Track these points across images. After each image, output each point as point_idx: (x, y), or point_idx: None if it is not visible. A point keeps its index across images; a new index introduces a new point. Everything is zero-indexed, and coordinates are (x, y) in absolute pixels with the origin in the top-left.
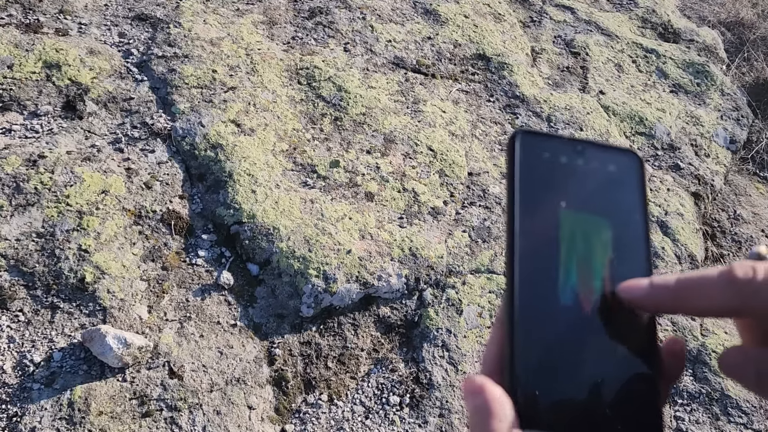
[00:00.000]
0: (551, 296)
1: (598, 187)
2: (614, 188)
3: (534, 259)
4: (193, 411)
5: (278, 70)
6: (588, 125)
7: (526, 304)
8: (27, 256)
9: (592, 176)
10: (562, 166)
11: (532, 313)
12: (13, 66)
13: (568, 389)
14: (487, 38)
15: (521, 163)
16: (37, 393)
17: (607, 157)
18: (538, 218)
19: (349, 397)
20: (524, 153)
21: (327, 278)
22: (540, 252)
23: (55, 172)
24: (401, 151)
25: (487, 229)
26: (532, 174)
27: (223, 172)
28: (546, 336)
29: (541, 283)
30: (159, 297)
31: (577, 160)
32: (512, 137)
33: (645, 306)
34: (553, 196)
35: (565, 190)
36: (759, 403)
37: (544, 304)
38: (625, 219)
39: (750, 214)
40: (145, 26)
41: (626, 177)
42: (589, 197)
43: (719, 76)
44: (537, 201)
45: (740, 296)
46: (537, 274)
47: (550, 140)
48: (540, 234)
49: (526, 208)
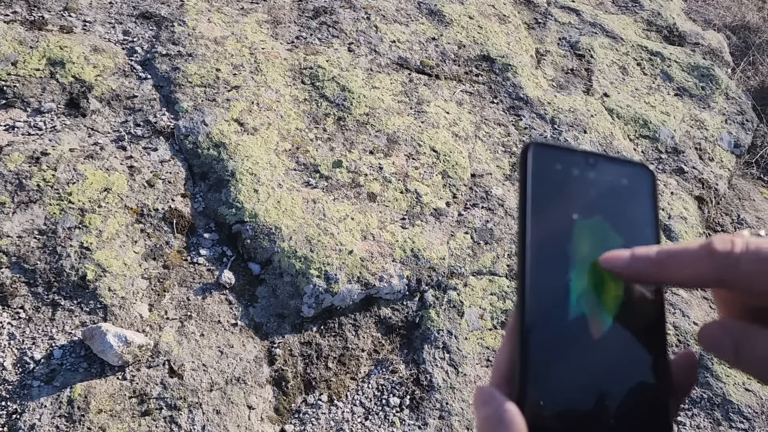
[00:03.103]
0: (561, 308)
1: (610, 200)
2: (626, 202)
3: (545, 271)
4: (192, 410)
5: (282, 69)
6: (592, 128)
7: (536, 316)
8: (29, 253)
9: (604, 189)
10: (574, 179)
11: (542, 324)
12: (17, 63)
13: (576, 401)
14: (492, 39)
15: (533, 175)
16: (37, 390)
17: (620, 171)
18: (550, 230)
19: (349, 398)
20: (536, 165)
21: (328, 278)
22: (551, 264)
23: (58, 169)
24: (404, 151)
25: (489, 231)
26: (544, 186)
27: (225, 171)
28: (555, 347)
29: (552, 294)
30: (160, 295)
31: (590, 173)
32: (525, 149)
33: (626, 276)
34: (565, 209)
35: (577, 203)
36: (761, 408)
37: (554, 315)
38: (636, 233)
39: (754, 218)
40: (149, 24)
41: (638, 191)
42: (601, 210)
43: (724, 79)
44: (549, 213)
45: (719, 268)
46: (547, 286)
47: (563, 152)
48: (551, 246)
49: (537, 220)
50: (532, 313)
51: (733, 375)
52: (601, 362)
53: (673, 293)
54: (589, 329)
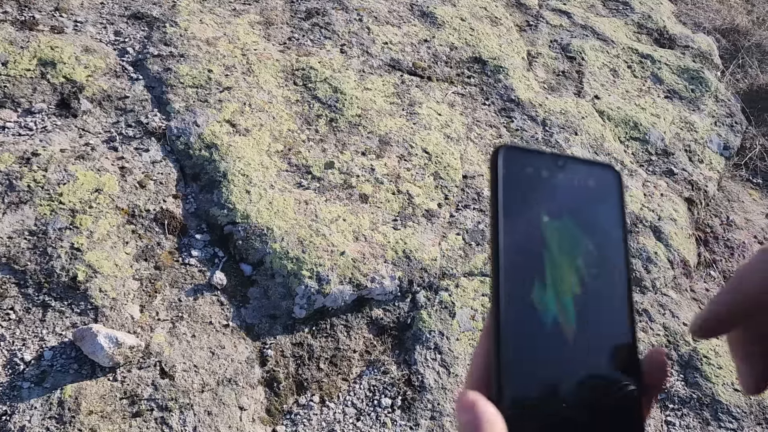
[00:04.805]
0: (535, 310)
1: (579, 201)
2: (595, 203)
3: (518, 274)
4: (184, 411)
5: (274, 70)
6: (583, 130)
7: (511, 318)
8: (19, 254)
9: (573, 191)
10: (544, 181)
11: (516, 326)
12: (8, 63)
13: (551, 401)
14: (484, 41)
15: (504, 178)
16: (27, 392)
17: (588, 172)
18: (521, 232)
19: (340, 399)
20: (507, 168)
21: (320, 279)
22: (523, 267)
23: (49, 170)
24: (396, 153)
25: (481, 232)
26: (514, 189)
27: (217, 172)
28: (530, 349)
29: (525, 297)
30: (151, 296)
31: (559, 175)
32: (495, 152)
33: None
34: (536, 211)
35: (547, 205)
36: (749, 408)
37: (528, 318)
38: (605, 234)
39: (743, 220)
40: (141, 25)
41: (606, 191)
42: (571, 212)
43: (714, 82)
44: (520, 215)
45: None
46: (521, 289)
47: (532, 155)
48: (523, 248)
49: (509, 223)
50: (507, 315)
51: (722, 375)
52: (573, 362)
53: (663, 294)
54: (561, 330)
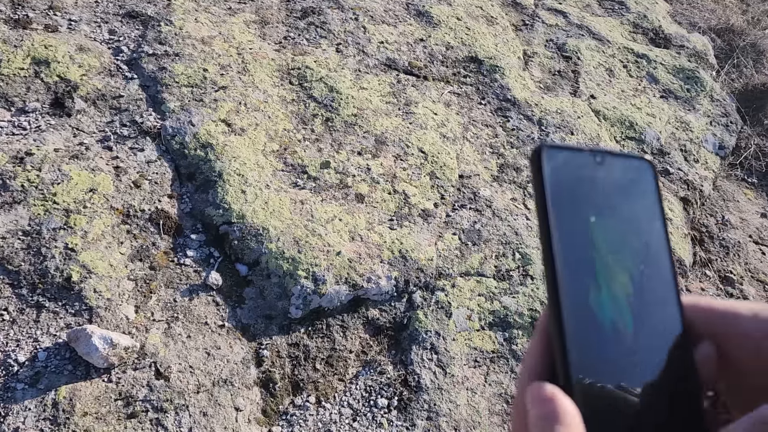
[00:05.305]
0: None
1: (620, 197)
2: (634, 197)
3: (573, 277)
4: (179, 412)
5: (270, 69)
6: (579, 129)
7: (574, 323)
8: (12, 254)
9: (614, 187)
10: (585, 179)
11: (580, 332)
12: (1, 62)
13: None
14: (480, 41)
15: (550, 179)
16: (21, 393)
17: (625, 166)
18: (571, 233)
19: (336, 400)
20: (551, 168)
21: (316, 280)
22: (578, 269)
23: (43, 169)
24: (392, 152)
25: (477, 232)
26: (559, 189)
27: (212, 172)
28: (594, 353)
29: (583, 300)
30: (146, 297)
31: (599, 171)
32: (537, 152)
33: None
34: (582, 210)
35: (592, 203)
36: None
37: (589, 321)
38: (647, 227)
39: (738, 219)
40: (135, 24)
41: (643, 185)
42: (614, 209)
43: (709, 81)
44: (568, 216)
45: None
46: (578, 292)
47: (572, 152)
48: (576, 250)
49: (559, 224)
50: (570, 320)
51: None
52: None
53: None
54: (619, 330)
